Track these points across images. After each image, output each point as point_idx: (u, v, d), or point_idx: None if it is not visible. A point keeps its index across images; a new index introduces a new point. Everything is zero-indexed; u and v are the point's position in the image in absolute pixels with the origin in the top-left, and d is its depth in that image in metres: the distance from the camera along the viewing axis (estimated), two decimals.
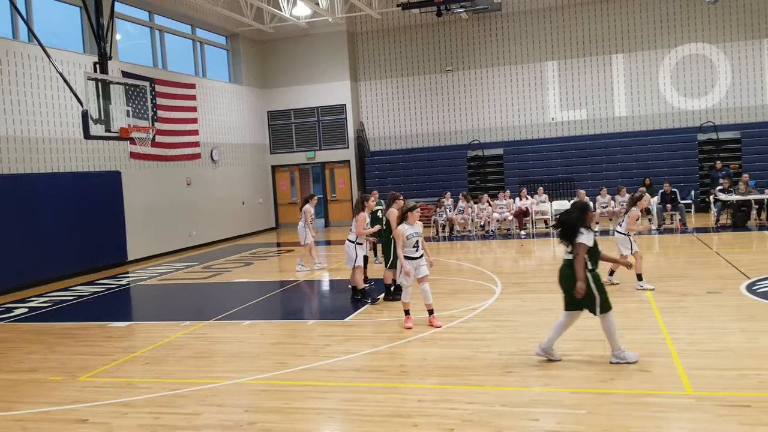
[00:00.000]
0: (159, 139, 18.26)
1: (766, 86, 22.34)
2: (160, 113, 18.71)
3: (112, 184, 17.23)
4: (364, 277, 11.67)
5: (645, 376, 6.41)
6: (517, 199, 19.90)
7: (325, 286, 13.52)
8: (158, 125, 17.07)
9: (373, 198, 11.52)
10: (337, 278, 13.86)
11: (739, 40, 22.41)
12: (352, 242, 10.83)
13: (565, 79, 23.97)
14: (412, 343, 8.15)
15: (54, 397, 6.83)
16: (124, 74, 16.75)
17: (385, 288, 11.01)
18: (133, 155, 18.09)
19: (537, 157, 23.57)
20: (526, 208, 19.56)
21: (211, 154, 21.97)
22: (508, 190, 20.78)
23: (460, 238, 19.35)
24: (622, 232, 10.70)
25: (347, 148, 25.52)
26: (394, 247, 10.21)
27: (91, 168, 16.79)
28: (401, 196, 10.75)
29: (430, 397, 6.25)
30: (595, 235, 6.96)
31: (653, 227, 18.27)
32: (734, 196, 18.02)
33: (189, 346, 8.66)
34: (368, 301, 10.71)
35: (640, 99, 23.44)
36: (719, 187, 18.81)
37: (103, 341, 9.28)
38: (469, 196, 20.40)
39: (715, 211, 18.70)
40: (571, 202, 6.75)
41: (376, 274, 12.61)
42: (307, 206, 14.63)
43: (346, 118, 25.40)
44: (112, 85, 13.54)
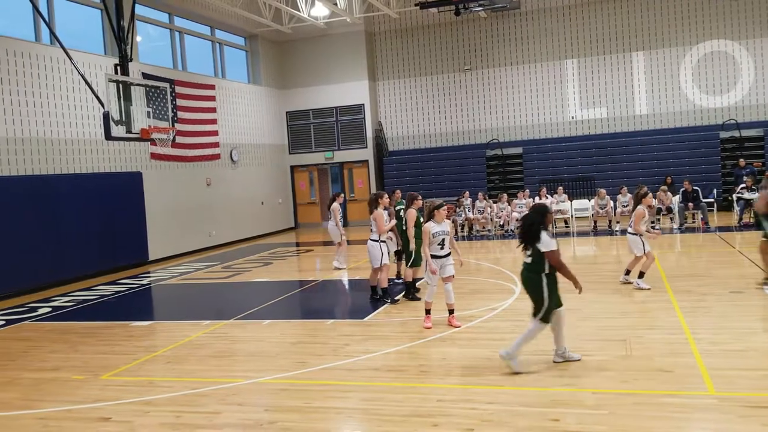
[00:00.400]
0: (179, 140, 18.39)
1: None
2: (180, 114, 18.84)
3: (133, 185, 17.39)
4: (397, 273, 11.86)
5: (667, 377, 6.35)
6: (537, 198, 19.79)
7: (345, 286, 13.53)
8: (178, 126, 17.19)
9: (396, 195, 11.57)
10: (356, 278, 13.87)
11: (762, 37, 22.12)
12: (376, 241, 10.80)
13: (585, 77, 23.81)
14: (432, 343, 8.13)
15: (76, 396, 6.90)
16: (145, 76, 16.88)
17: (405, 286, 11.01)
18: (154, 156, 18.23)
19: (557, 156, 23.43)
20: None
21: (231, 154, 22.08)
22: (527, 190, 20.67)
23: (480, 237, 19.29)
24: (632, 233, 10.60)
25: (366, 147, 25.54)
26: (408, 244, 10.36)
27: (113, 169, 16.95)
28: (420, 197, 10.77)
29: (450, 396, 6.23)
30: (555, 237, 6.89)
31: (675, 226, 18.11)
32: (757, 195, 17.77)
33: (209, 346, 8.71)
34: (388, 300, 10.70)
35: (661, 97, 23.23)
36: (742, 185, 18.59)
37: (124, 340, 9.36)
38: (486, 196, 20.33)
39: (738, 210, 18.48)
40: (532, 205, 6.76)
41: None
42: (335, 204, 14.82)
43: (364, 118, 25.42)
44: (132, 87, 13.66)
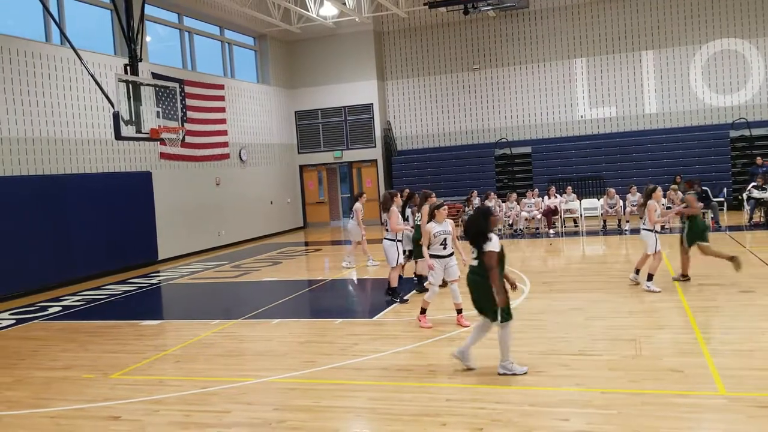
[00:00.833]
0: (188, 139, 18.43)
1: None
2: (190, 114, 18.89)
3: (143, 185, 17.46)
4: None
5: (677, 377, 6.33)
6: (546, 197, 19.75)
7: (353, 285, 13.54)
8: (188, 126, 17.24)
9: (405, 195, 11.58)
10: (365, 277, 13.88)
11: None
12: (392, 240, 10.81)
13: (594, 76, 23.74)
14: (441, 342, 8.13)
15: (87, 395, 6.94)
16: (154, 76, 16.93)
17: (418, 279, 11.11)
18: (163, 156, 18.30)
19: (565, 155, 23.37)
20: (555, 207, 19.41)
21: (240, 154, 22.13)
22: (536, 189, 20.61)
23: None
24: (647, 229, 10.56)
25: (374, 147, 25.54)
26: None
27: (122, 168, 17.02)
28: (433, 194, 10.80)
29: (459, 396, 6.23)
30: (500, 239, 6.86)
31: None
32: None
33: (219, 345, 8.74)
34: (397, 300, 10.70)
35: (670, 96, 23.13)
36: (753, 184, 18.47)
37: (134, 339, 9.41)
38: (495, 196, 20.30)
39: (748, 209, 18.37)
40: (475, 207, 6.75)
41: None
42: (357, 204, 14.96)
43: (373, 118, 25.43)
44: (142, 87, 13.70)
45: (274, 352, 8.27)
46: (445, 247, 8.73)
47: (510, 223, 19.86)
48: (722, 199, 20.37)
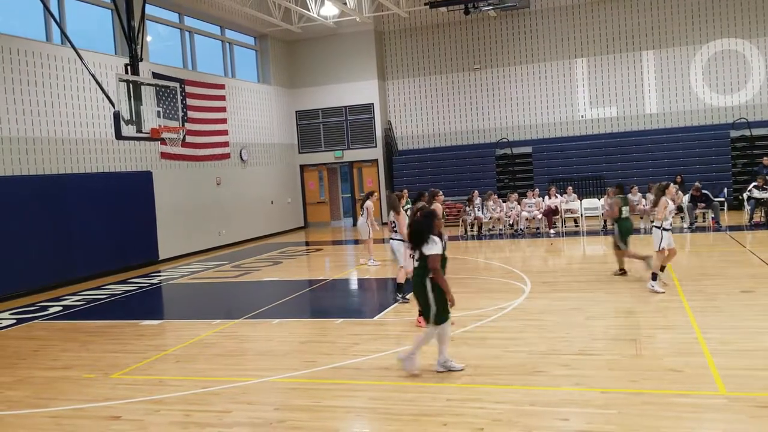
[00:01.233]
0: (189, 139, 18.42)
1: None
2: (190, 114, 18.88)
3: (144, 184, 17.47)
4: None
5: (677, 376, 6.33)
6: (546, 197, 19.75)
7: (354, 285, 13.55)
8: (188, 126, 17.22)
9: (404, 197, 11.56)
10: (366, 277, 13.89)
11: None
12: (401, 240, 10.76)
13: (595, 76, 23.74)
14: None
15: (87, 395, 6.94)
16: (155, 75, 16.93)
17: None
18: (164, 155, 18.30)
19: (566, 155, 23.37)
20: (556, 207, 19.41)
21: (241, 154, 22.14)
22: (537, 189, 20.60)
23: (489, 237, 19.26)
24: (656, 226, 10.55)
25: (375, 147, 25.54)
26: None
27: (123, 168, 17.03)
28: (440, 192, 10.80)
29: (459, 396, 6.23)
30: (444, 241, 6.88)
31: (685, 225, 18.03)
32: None
33: (219, 345, 8.74)
34: (399, 298, 10.67)
35: (671, 96, 23.13)
36: (754, 184, 18.47)
37: (135, 339, 9.41)
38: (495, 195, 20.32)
39: (749, 209, 18.37)
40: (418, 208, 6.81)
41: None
42: (368, 203, 15.05)
43: (373, 117, 25.43)
44: (143, 87, 13.71)
45: (275, 352, 8.27)
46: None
47: (511, 223, 19.86)
48: (723, 199, 20.35)
